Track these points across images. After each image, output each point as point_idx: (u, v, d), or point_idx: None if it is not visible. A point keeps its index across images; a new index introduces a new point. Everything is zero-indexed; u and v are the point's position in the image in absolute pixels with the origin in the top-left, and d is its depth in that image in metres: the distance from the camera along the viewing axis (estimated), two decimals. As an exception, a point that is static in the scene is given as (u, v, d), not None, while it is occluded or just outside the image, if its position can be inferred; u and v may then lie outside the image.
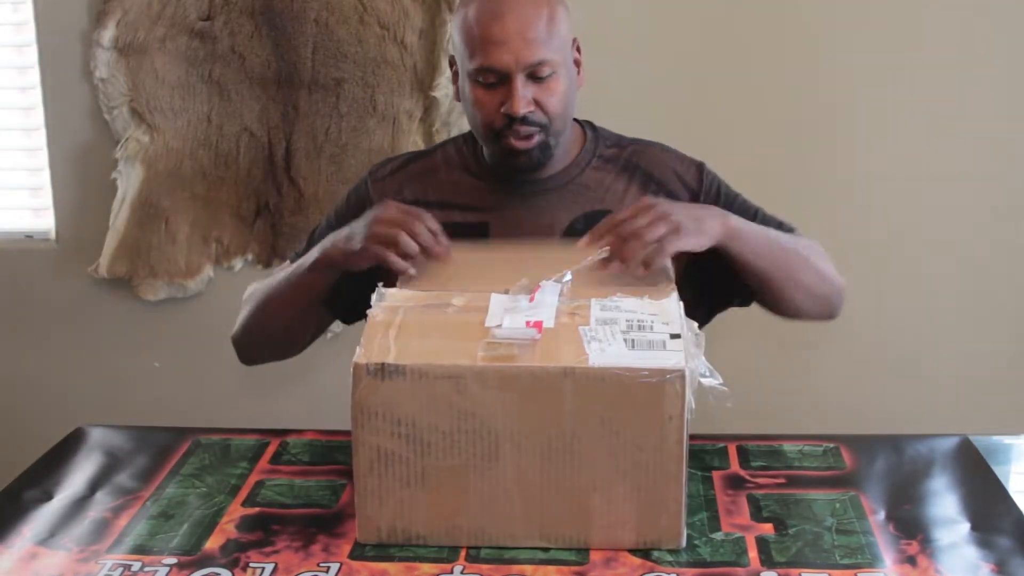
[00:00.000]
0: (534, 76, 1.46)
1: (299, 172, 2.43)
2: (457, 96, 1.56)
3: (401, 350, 1.16)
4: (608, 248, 1.33)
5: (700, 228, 1.37)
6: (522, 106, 1.45)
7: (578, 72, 1.54)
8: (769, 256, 1.45)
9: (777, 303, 1.52)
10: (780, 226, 1.56)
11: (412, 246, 1.36)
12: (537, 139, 1.49)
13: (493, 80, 1.46)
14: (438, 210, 1.57)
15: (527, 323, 1.19)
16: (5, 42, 2.51)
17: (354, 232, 1.42)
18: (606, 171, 1.58)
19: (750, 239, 1.43)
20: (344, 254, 1.42)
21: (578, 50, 1.54)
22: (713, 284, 1.51)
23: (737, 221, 1.42)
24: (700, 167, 1.59)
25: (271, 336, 1.59)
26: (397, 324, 1.21)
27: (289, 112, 2.41)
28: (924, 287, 2.41)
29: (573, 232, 1.53)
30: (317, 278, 1.47)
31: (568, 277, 1.28)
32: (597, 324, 1.20)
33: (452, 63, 1.55)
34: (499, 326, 1.19)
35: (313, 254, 1.48)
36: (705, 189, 1.57)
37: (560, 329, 1.19)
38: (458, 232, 1.54)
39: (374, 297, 1.27)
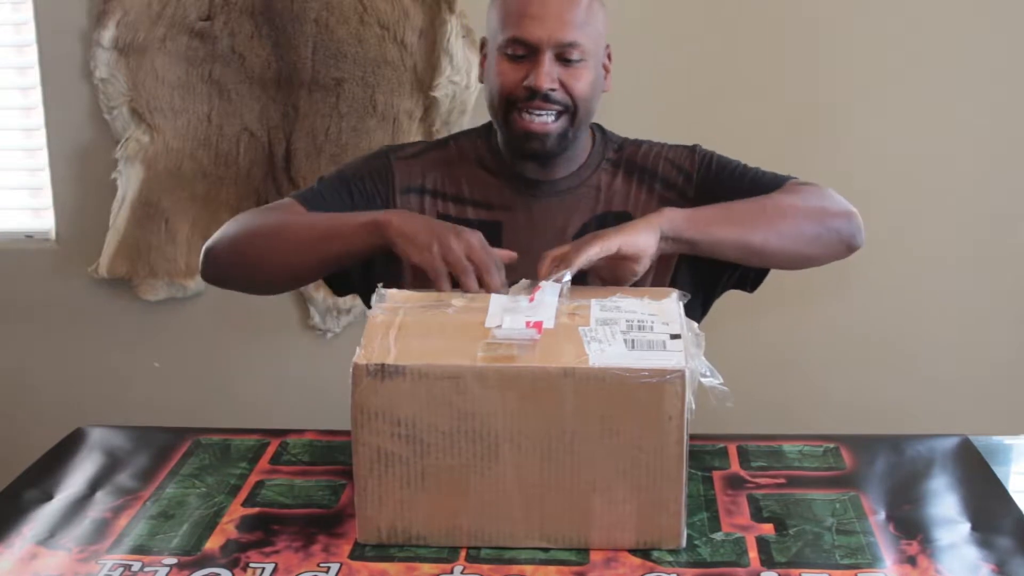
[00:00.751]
0: (563, 58, 1.46)
1: (299, 172, 2.43)
2: (482, 78, 1.56)
3: (401, 351, 1.16)
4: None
5: (625, 230, 1.36)
6: (546, 81, 1.44)
7: (606, 77, 1.54)
8: (732, 225, 1.42)
9: (772, 261, 1.49)
10: (775, 179, 1.55)
11: (470, 286, 1.31)
12: (557, 125, 1.47)
13: (522, 53, 1.46)
14: (453, 204, 1.57)
15: (527, 323, 1.19)
16: (5, 42, 2.51)
17: (431, 230, 1.35)
18: (612, 173, 1.58)
19: (700, 220, 1.40)
20: (404, 237, 1.35)
21: (608, 57, 1.55)
22: (703, 271, 1.52)
23: (678, 212, 1.41)
24: (692, 149, 1.59)
25: (271, 268, 1.48)
26: (397, 324, 1.21)
27: (289, 112, 2.41)
28: (924, 287, 2.41)
29: (584, 234, 1.50)
30: (367, 238, 1.39)
31: (568, 277, 1.28)
32: (597, 324, 1.20)
33: (482, 45, 1.56)
34: (499, 326, 1.19)
35: (370, 215, 1.41)
36: (698, 166, 1.57)
37: (560, 329, 1.19)
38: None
39: (374, 298, 1.27)
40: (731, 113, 2.34)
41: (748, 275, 1.56)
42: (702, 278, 1.55)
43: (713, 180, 1.56)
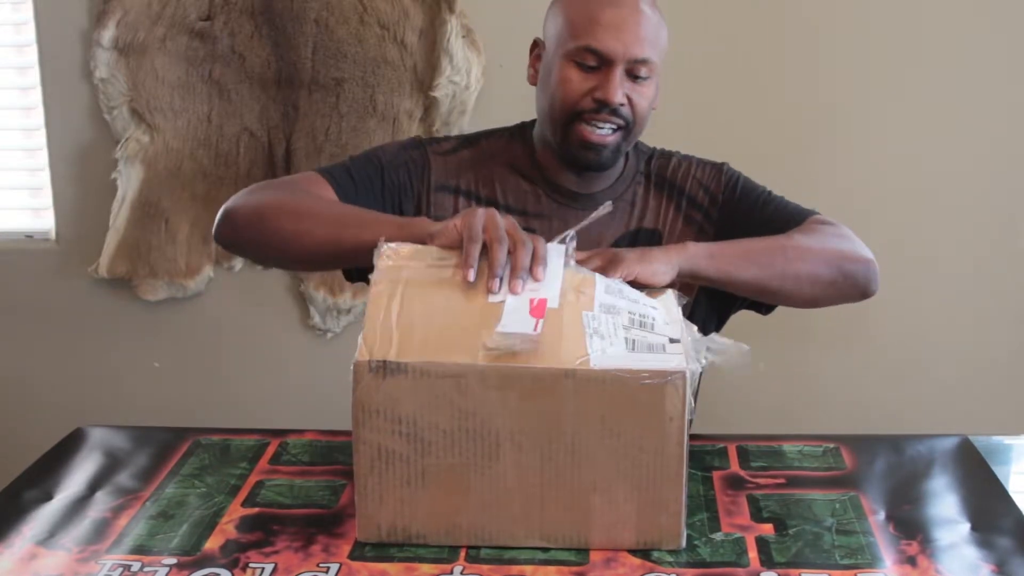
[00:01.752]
0: (632, 74, 1.44)
1: (299, 172, 2.43)
2: (532, 80, 1.53)
3: (403, 343, 1.14)
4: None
5: (646, 259, 1.31)
6: (618, 96, 1.43)
7: (655, 94, 1.52)
8: (751, 267, 1.39)
9: (785, 301, 1.48)
10: (798, 212, 1.53)
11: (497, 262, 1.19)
12: (614, 138, 1.46)
13: (593, 64, 1.43)
14: (486, 207, 1.53)
15: (531, 301, 1.17)
16: (5, 42, 2.51)
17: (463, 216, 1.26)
18: (645, 187, 1.57)
19: (721, 259, 1.37)
20: (436, 228, 1.27)
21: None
22: (720, 296, 1.52)
23: (700, 248, 1.37)
24: (720, 168, 1.58)
25: (290, 247, 1.39)
26: (400, 297, 1.18)
27: (289, 112, 2.41)
28: (924, 287, 2.41)
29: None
30: (397, 235, 1.28)
31: (573, 237, 1.26)
32: (600, 311, 1.18)
33: (535, 45, 1.53)
34: (501, 300, 1.16)
35: (401, 219, 1.37)
36: (724, 187, 1.56)
37: (564, 313, 1.17)
38: None
39: (375, 254, 1.22)
40: (731, 116, 2.34)
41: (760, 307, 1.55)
42: (719, 303, 1.55)
43: (736, 204, 1.55)
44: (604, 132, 1.45)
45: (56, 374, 2.60)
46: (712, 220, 1.55)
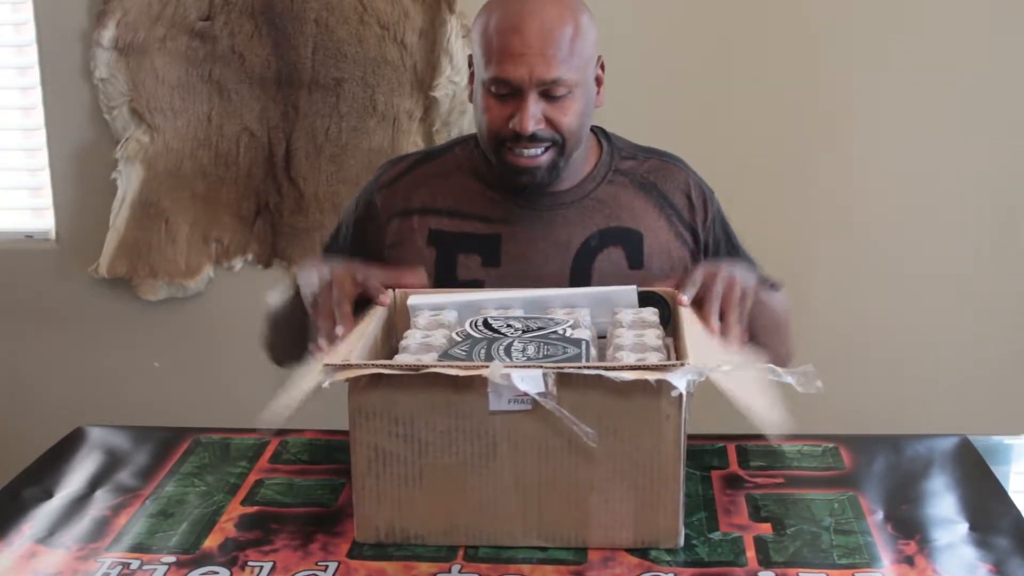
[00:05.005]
0: (548, 94, 1.42)
1: (299, 172, 2.43)
2: (471, 97, 1.53)
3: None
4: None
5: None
6: (531, 124, 1.41)
7: (598, 91, 1.51)
8: (773, 335, 1.47)
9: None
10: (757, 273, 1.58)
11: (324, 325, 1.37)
12: (545, 157, 1.45)
13: (505, 92, 1.42)
14: (448, 218, 1.53)
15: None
16: (5, 42, 2.51)
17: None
18: (622, 186, 1.55)
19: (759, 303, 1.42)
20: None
21: (602, 68, 1.51)
22: None
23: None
24: (712, 196, 1.58)
25: (288, 353, 1.56)
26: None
27: (289, 112, 2.41)
28: (924, 287, 2.41)
29: (587, 249, 1.51)
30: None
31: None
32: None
33: (471, 63, 1.52)
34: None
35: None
36: (710, 216, 1.56)
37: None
38: (469, 243, 1.51)
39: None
40: (733, 115, 2.34)
41: None
42: None
43: (715, 244, 1.56)
44: (534, 154, 1.44)
45: (56, 374, 2.60)
46: (697, 244, 1.55)
